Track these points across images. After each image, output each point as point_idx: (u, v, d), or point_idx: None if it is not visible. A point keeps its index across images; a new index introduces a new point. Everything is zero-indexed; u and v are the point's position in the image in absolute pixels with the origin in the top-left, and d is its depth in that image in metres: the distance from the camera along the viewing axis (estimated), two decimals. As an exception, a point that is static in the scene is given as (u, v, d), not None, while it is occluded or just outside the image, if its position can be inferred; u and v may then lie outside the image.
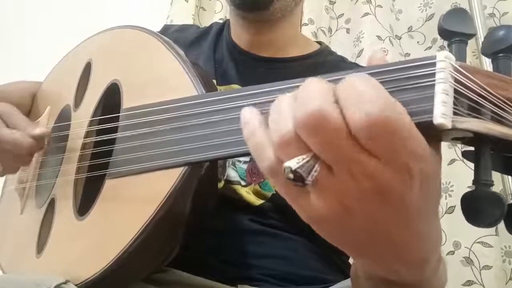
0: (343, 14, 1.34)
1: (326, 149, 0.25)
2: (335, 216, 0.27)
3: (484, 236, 1.00)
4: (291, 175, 0.25)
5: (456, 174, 1.06)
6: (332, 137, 0.24)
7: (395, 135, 0.24)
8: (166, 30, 0.84)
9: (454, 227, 1.03)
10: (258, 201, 0.64)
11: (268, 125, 0.27)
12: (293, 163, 0.25)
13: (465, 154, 0.32)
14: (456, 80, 0.26)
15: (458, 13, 0.31)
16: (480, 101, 0.27)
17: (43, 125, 0.65)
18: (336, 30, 1.34)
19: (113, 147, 0.50)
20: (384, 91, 0.24)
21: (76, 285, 0.47)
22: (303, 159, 0.25)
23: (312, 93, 0.25)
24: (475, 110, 0.27)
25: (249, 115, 0.29)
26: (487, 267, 1.00)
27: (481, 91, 0.26)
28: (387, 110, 0.23)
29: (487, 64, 1.01)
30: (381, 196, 0.25)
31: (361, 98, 0.24)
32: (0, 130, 0.53)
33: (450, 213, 1.06)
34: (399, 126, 0.23)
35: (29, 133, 0.53)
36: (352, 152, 0.24)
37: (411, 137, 0.24)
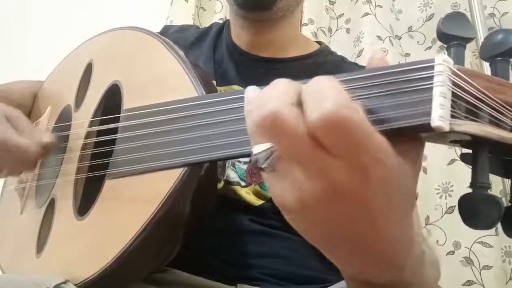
0: (343, 14, 1.34)
1: (280, 146, 0.26)
2: (293, 208, 0.27)
3: (484, 236, 1.00)
4: (253, 159, 0.27)
5: (456, 174, 1.06)
6: (285, 138, 0.25)
7: (350, 134, 0.24)
8: (166, 31, 0.84)
9: (454, 227, 1.03)
10: (258, 202, 0.64)
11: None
12: (256, 148, 0.27)
13: (463, 157, 0.32)
14: (454, 83, 0.26)
15: (457, 16, 0.31)
16: (478, 104, 0.27)
17: (44, 125, 0.66)
18: (336, 30, 1.34)
19: (114, 147, 0.50)
20: (343, 92, 0.25)
21: (75, 285, 0.47)
22: (265, 146, 0.27)
23: (273, 93, 0.26)
24: (473, 113, 0.27)
25: (253, 94, 0.30)
26: (487, 267, 1.00)
27: (479, 94, 0.27)
28: (343, 109, 0.24)
29: (487, 64, 1.01)
30: (339, 196, 0.26)
31: (319, 96, 0.24)
32: (9, 135, 0.53)
33: (450, 213, 1.06)
34: (355, 125, 0.24)
35: (36, 140, 0.54)
36: (306, 151, 0.25)
37: (369, 140, 0.25)
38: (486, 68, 1.02)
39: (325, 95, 0.24)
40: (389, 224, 0.28)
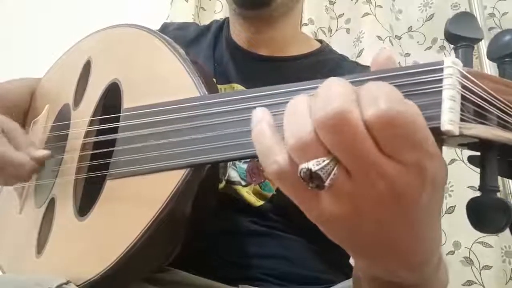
0: (343, 14, 1.34)
1: (346, 151, 0.24)
2: (345, 218, 0.26)
3: (484, 236, 1.00)
4: (309, 177, 0.24)
5: (456, 174, 1.06)
6: (354, 138, 0.24)
7: (406, 128, 0.23)
8: (166, 28, 0.83)
9: (454, 227, 1.03)
10: (258, 202, 0.64)
11: (284, 127, 0.27)
12: (312, 164, 0.24)
13: (471, 160, 0.31)
14: (463, 86, 0.26)
15: (464, 17, 0.31)
16: (486, 107, 0.27)
17: (41, 124, 0.65)
18: (336, 30, 1.34)
19: (114, 148, 0.49)
20: (399, 92, 0.24)
21: (77, 285, 0.47)
22: (324, 161, 0.24)
23: (334, 92, 0.24)
24: (481, 115, 0.27)
25: (261, 115, 0.29)
26: (487, 267, 1.00)
27: (487, 96, 0.26)
28: (402, 107, 0.23)
29: (487, 64, 1.02)
30: (396, 198, 0.25)
31: (377, 94, 0.23)
32: (5, 149, 0.53)
33: (450, 213, 1.06)
34: (416, 123, 0.23)
35: (31, 155, 0.54)
36: (371, 154, 0.24)
37: (427, 137, 0.24)
38: (487, 68, 1.02)
39: (383, 91, 0.23)
40: (428, 227, 0.28)
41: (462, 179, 1.04)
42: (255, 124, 0.28)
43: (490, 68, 1.01)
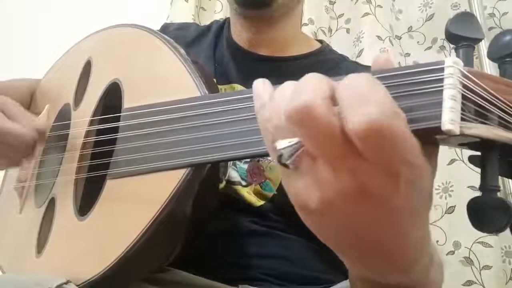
0: (343, 14, 1.34)
1: (309, 142, 0.25)
2: (316, 206, 0.26)
3: (484, 236, 1.00)
4: (277, 154, 0.26)
5: (456, 174, 1.06)
6: (318, 133, 0.24)
7: (392, 141, 0.23)
8: (166, 29, 0.84)
9: (454, 227, 1.03)
10: (259, 202, 0.64)
11: (269, 107, 0.28)
12: (280, 143, 0.26)
13: (471, 159, 0.31)
14: (464, 86, 0.26)
15: (465, 17, 0.31)
16: (487, 106, 0.27)
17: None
18: (336, 30, 1.34)
19: (114, 147, 0.49)
20: (386, 94, 0.24)
21: (77, 285, 0.47)
22: (290, 142, 0.26)
23: (307, 86, 0.25)
24: (482, 115, 0.27)
25: (262, 87, 0.30)
26: (487, 267, 1.00)
27: (488, 96, 0.26)
28: (390, 115, 0.23)
29: (487, 64, 1.02)
30: (365, 196, 0.25)
31: (362, 100, 0.23)
32: (2, 122, 0.53)
33: (450, 213, 1.06)
34: (399, 132, 0.23)
35: (30, 125, 0.53)
36: (339, 149, 0.24)
37: (406, 144, 0.24)
38: (487, 68, 1.02)
39: (368, 98, 0.23)
40: (410, 226, 0.27)
41: (462, 179, 1.04)
42: (259, 94, 0.30)
43: (490, 68, 1.01)
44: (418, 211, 0.28)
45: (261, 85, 0.30)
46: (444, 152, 1.08)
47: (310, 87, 0.25)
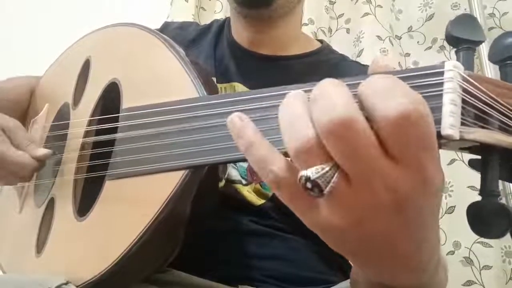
0: (343, 14, 1.34)
1: (350, 158, 0.23)
2: (344, 226, 0.26)
3: (484, 236, 1.00)
4: (309, 185, 0.24)
5: (456, 174, 1.06)
6: (359, 145, 0.23)
7: (424, 126, 0.23)
8: (167, 28, 0.83)
9: (454, 227, 1.03)
10: (259, 201, 0.64)
11: (282, 130, 0.25)
12: (311, 172, 0.23)
13: (471, 163, 0.31)
14: (464, 90, 0.25)
15: (465, 19, 0.31)
16: (488, 110, 0.26)
17: (41, 124, 0.65)
18: (336, 30, 1.34)
19: (113, 148, 0.49)
20: (407, 86, 0.23)
21: (77, 286, 0.47)
22: (323, 168, 0.23)
23: (335, 97, 0.23)
24: (482, 119, 0.26)
25: (240, 123, 0.27)
26: (487, 267, 1.00)
27: (488, 100, 0.26)
28: (419, 101, 0.23)
29: (487, 64, 1.01)
30: (399, 207, 0.25)
31: (387, 94, 0.23)
32: (5, 149, 0.53)
33: (450, 213, 1.06)
34: (428, 117, 0.23)
35: (33, 154, 0.54)
36: (376, 162, 0.23)
37: (433, 140, 0.24)
38: (487, 69, 1.02)
39: (395, 90, 0.23)
40: (430, 226, 0.27)
41: (462, 179, 1.04)
42: (239, 132, 0.27)
43: (490, 68, 1.01)
44: (434, 213, 0.28)
45: (238, 119, 0.28)
46: (444, 152, 1.08)
47: (339, 97, 0.23)
